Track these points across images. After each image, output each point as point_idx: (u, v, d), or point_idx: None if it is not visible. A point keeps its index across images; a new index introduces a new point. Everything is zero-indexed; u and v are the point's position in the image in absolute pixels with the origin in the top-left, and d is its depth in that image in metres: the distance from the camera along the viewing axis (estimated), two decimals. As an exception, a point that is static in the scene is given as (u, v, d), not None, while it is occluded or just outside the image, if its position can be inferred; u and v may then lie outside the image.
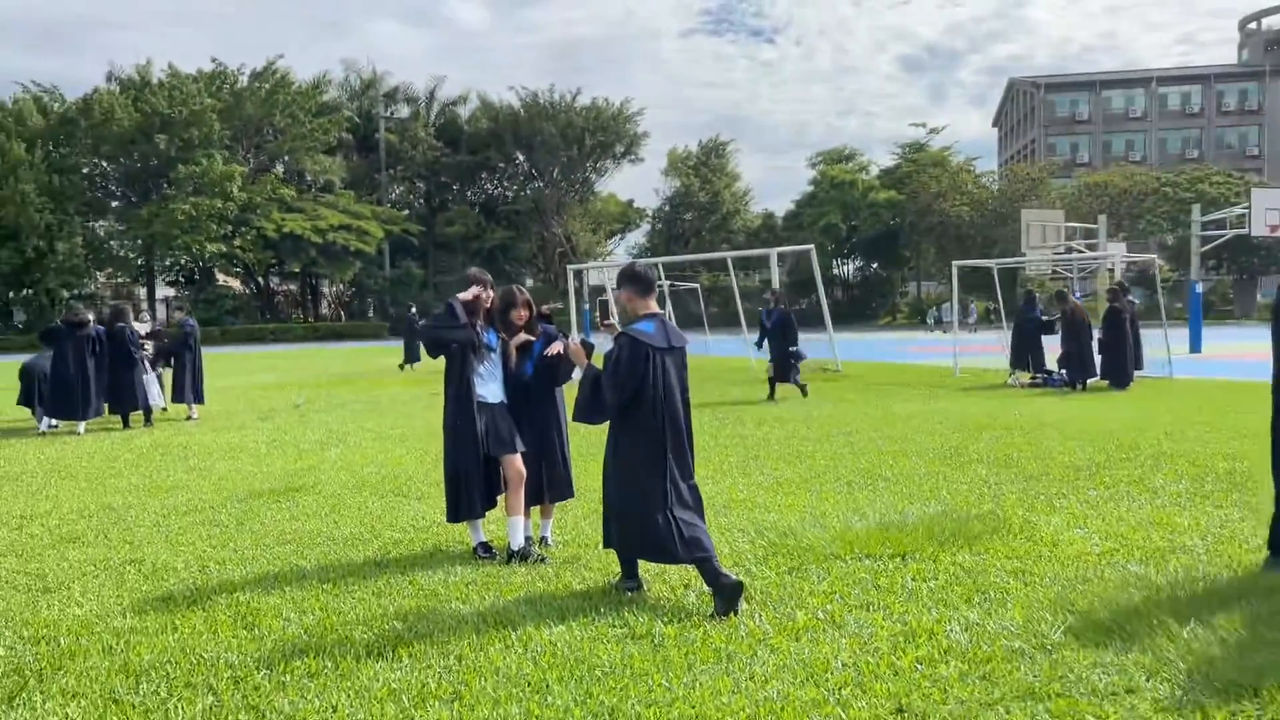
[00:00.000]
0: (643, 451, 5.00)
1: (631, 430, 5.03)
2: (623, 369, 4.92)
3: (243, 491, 8.45)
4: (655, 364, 4.97)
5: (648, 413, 4.97)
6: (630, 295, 5.14)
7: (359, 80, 69.49)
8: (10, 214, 50.52)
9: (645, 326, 5.06)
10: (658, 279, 5.19)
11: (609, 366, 4.98)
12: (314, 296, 70.07)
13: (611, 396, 4.96)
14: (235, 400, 17.29)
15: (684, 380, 5.20)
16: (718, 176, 70.94)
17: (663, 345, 5.02)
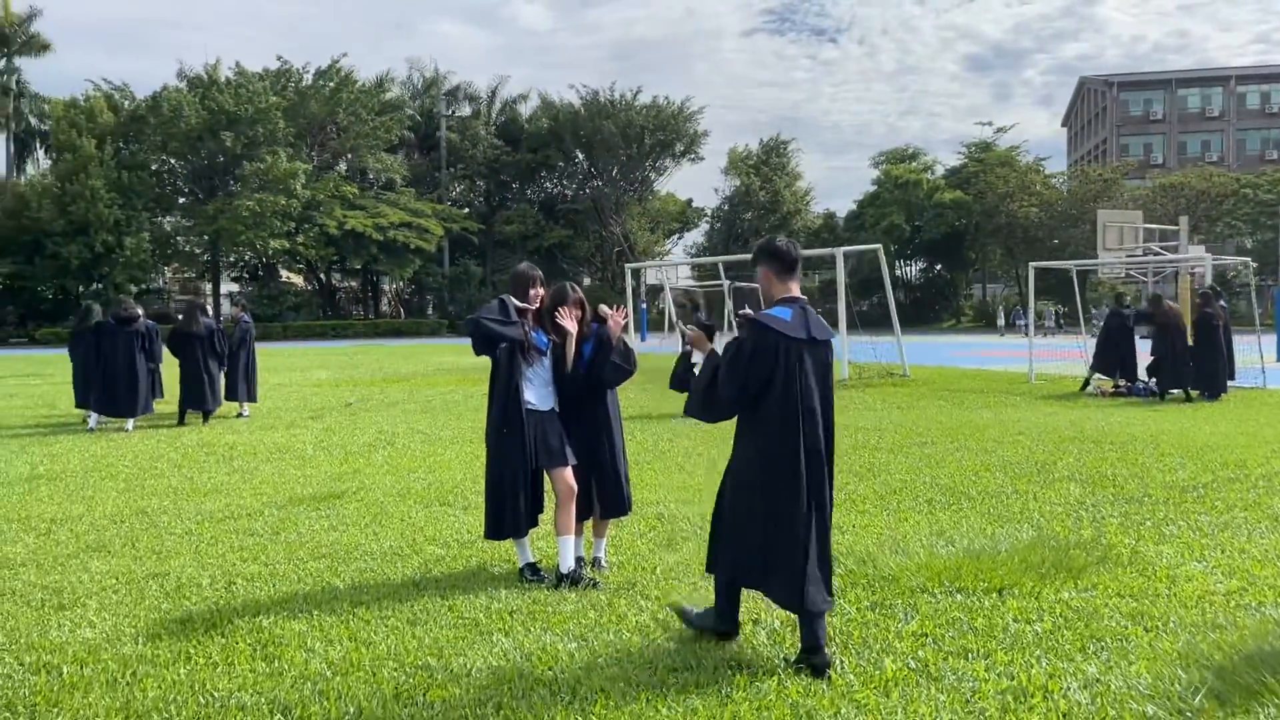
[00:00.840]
0: (770, 467, 4.15)
1: (757, 439, 4.21)
2: (744, 361, 4.13)
3: (283, 497, 8.05)
4: (788, 359, 4.13)
5: (777, 419, 4.14)
6: (768, 273, 4.35)
7: (421, 79, 69.90)
8: (80, 209, 51.41)
9: (781, 313, 4.24)
10: (797, 254, 4.49)
11: (729, 356, 4.21)
12: (374, 293, 70.51)
13: (727, 392, 4.17)
14: (288, 398, 17.06)
15: (827, 383, 4.34)
16: (778, 176, 69.89)
17: (800, 336, 4.17)
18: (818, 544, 4.18)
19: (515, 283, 5.65)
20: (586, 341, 5.68)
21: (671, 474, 8.93)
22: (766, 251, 4.36)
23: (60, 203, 51.72)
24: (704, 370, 4.34)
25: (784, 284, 4.32)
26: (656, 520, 6.98)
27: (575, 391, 5.65)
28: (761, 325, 4.16)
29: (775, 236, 4.49)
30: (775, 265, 4.33)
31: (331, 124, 61.74)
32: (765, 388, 4.14)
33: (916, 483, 8.29)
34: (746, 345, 4.15)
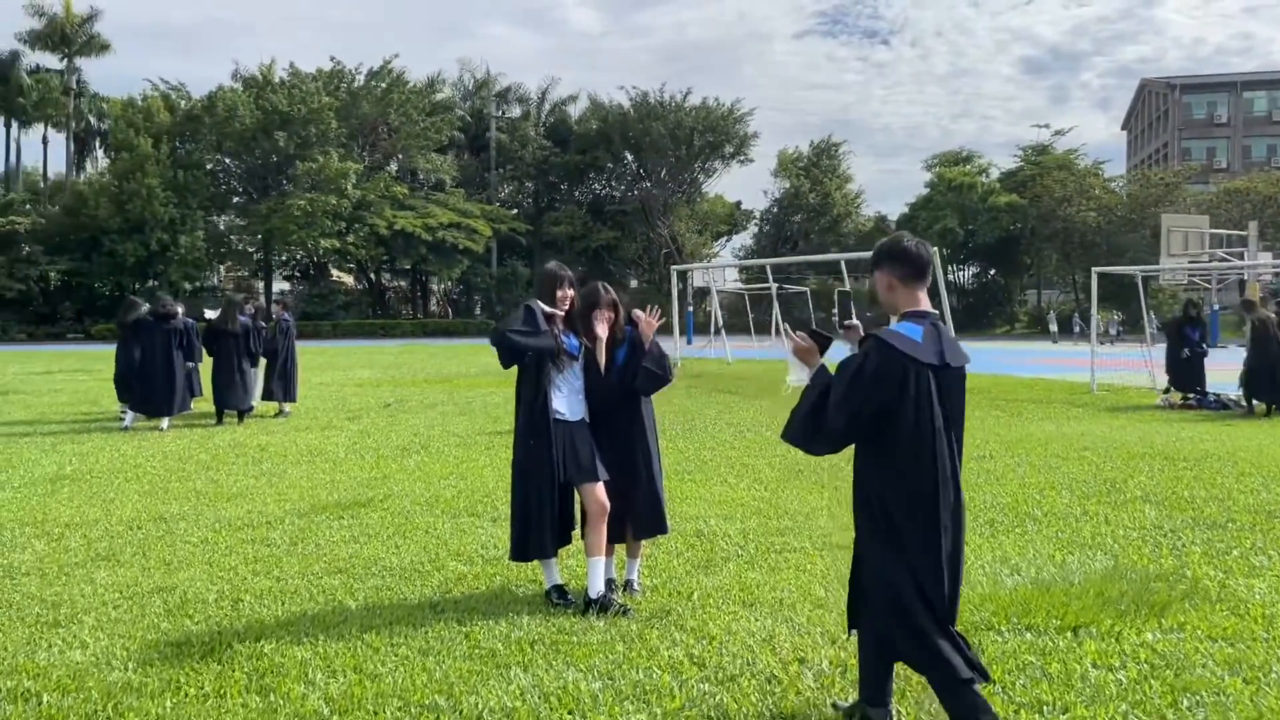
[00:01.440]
0: (900, 512, 3.41)
1: (881, 478, 3.45)
2: (863, 386, 3.35)
3: (307, 504, 7.72)
4: (916, 387, 3.35)
5: (906, 457, 3.38)
6: (891, 280, 3.52)
7: (472, 80, 70.08)
8: (137, 207, 52.17)
9: (908, 330, 3.43)
10: (929, 257, 3.70)
11: (843, 377, 3.41)
12: (423, 293, 70.81)
13: (838, 421, 3.39)
14: (328, 398, 16.85)
15: (959, 416, 3.51)
16: (829, 178, 69.02)
17: (931, 361, 3.37)
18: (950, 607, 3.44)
19: (542, 283, 5.26)
20: (619, 346, 5.25)
21: (713, 486, 8.46)
22: (891, 253, 3.54)
23: (117, 201, 52.56)
24: (810, 390, 3.56)
25: (911, 294, 3.52)
26: (695, 538, 6.52)
27: (607, 400, 5.23)
28: (885, 345, 3.37)
29: (901, 236, 3.60)
30: (901, 270, 3.51)
31: (383, 124, 62.11)
32: (885, 422, 3.38)
33: (976, 501, 7.74)
34: (867, 367, 3.37)
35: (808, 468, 9.19)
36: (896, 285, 3.53)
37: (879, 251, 3.60)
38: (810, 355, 3.67)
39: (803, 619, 4.84)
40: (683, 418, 13.57)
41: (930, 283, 3.63)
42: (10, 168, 62.00)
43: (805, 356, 3.67)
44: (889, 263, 3.54)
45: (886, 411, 3.36)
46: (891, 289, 3.55)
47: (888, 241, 3.63)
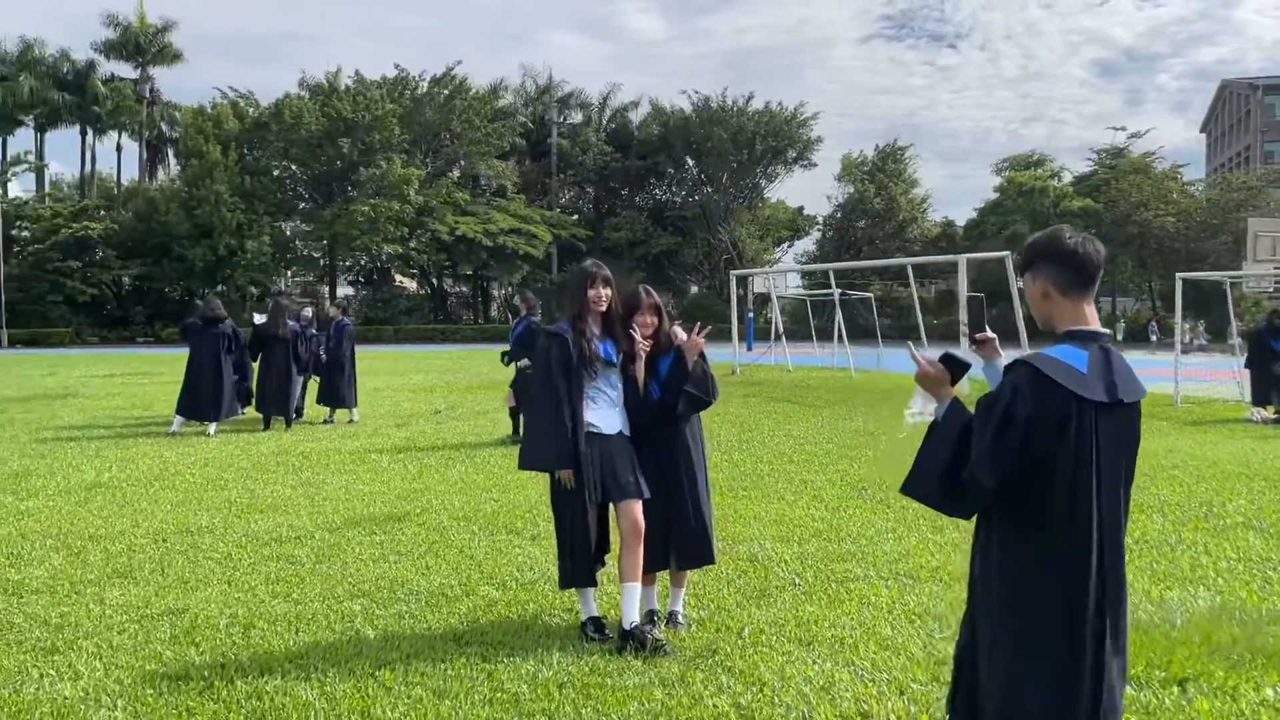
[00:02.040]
0: (1042, 584, 2.59)
1: (1024, 542, 2.62)
2: (1015, 433, 2.50)
3: (341, 518, 7.36)
4: (1078, 432, 2.53)
5: (1059, 517, 2.55)
6: (1047, 288, 2.68)
7: (534, 86, 70.19)
8: (206, 213, 53.08)
9: (1069, 355, 2.58)
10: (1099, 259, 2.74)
11: (989, 420, 2.53)
12: (484, 298, 71.08)
13: (985, 477, 2.52)
14: (380, 404, 16.62)
15: (1130, 465, 2.72)
16: (894, 182, 67.66)
17: (1099, 397, 2.55)
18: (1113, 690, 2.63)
19: (575, 281, 4.83)
20: (663, 355, 4.78)
21: (769, 504, 7.92)
22: (1048, 252, 2.70)
23: (187, 207, 53.54)
24: (943, 433, 2.67)
25: (1075, 306, 2.67)
26: (749, 563, 6.00)
27: (647, 414, 4.76)
28: (1042, 377, 2.52)
29: (1061, 230, 2.72)
30: (1061, 275, 2.67)
31: (445, 131, 62.45)
32: (1041, 473, 2.55)
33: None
34: (1019, 408, 2.51)
35: (871, 485, 8.60)
36: (1054, 295, 2.68)
37: (1032, 249, 2.76)
38: (939, 386, 2.79)
39: (866, 663, 4.31)
40: (738, 428, 13.02)
41: (1095, 290, 2.75)
42: (86, 174, 63.64)
43: (933, 387, 2.80)
44: (1045, 264, 2.69)
45: (1042, 461, 2.53)
46: (1047, 298, 2.69)
47: (1044, 237, 2.77)
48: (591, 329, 4.75)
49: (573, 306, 4.82)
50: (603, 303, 4.79)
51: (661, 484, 4.72)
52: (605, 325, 4.81)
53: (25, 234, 54.82)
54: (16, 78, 55.76)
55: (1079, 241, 2.67)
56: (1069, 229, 2.74)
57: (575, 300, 4.81)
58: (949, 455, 2.60)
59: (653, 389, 4.76)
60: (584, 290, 4.77)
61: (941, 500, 2.66)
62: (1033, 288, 2.73)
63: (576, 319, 4.75)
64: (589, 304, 4.76)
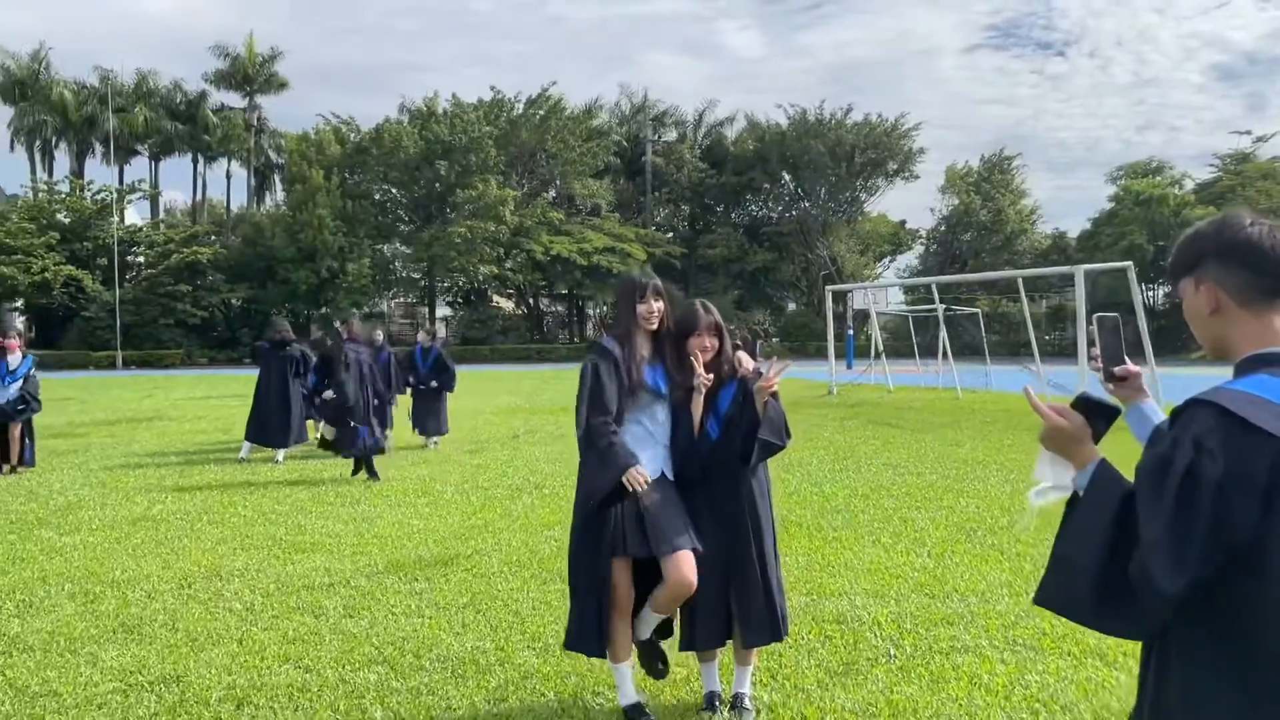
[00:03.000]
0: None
1: (1226, 667, 1.69)
2: (1204, 500, 1.63)
3: (384, 560, 6.71)
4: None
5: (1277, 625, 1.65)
6: (1221, 297, 1.84)
7: (629, 104, 70.11)
8: (309, 237, 54.28)
9: (1268, 387, 1.72)
10: None
11: (1158, 486, 1.67)
12: (580, 317, 71.07)
13: (1164, 572, 1.63)
14: (460, 427, 16.09)
15: None
16: (1001, 193, 65.23)
17: None
18: None
19: (621, 294, 4.08)
20: (725, 386, 3.96)
21: (863, 548, 6.98)
22: (1223, 245, 1.86)
23: (291, 231, 54.86)
24: (1090, 513, 1.81)
25: (1262, 320, 1.83)
26: (835, 626, 5.11)
27: (704, 458, 3.95)
28: (1237, 421, 1.67)
29: (1234, 216, 1.89)
30: (1245, 277, 1.84)
31: (540, 151, 62.74)
32: (1247, 562, 1.66)
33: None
34: (1205, 468, 1.65)
35: (982, 528, 7.58)
36: (1230, 307, 1.85)
37: (1196, 244, 1.90)
38: (1077, 444, 1.89)
39: (979, 778, 3.39)
40: (832, 455, 12.03)
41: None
42: (197, 201, 65.91)
43: (1067, 446, 1.90)
44: (1216, 265, 1.85)
45: (1245, 550, 1.65)
46: (1220, 314, 1.86)
47: (1211, 227, 1.91)
48: (640, 350, 3.98)
49: (621, 322, 4.07)
50: (654, 319, 4.02)
51: (722, 543, 3.89)
52: (654, 347, 4.05)
53: (140, 259, 56.94)
54: (133, 109, 58.12)
55: (1266, 230, 1.82)
56: (1249, 214, 1.89)
57: (624, 315, 4.06)
58: (1102, 547, 1.74)
59: (710, 427, 3.95)
60: (633, 303, 4.01)
61: (1097, 614, 1.77)
62: (1195, 299, 1.88)
63: (624, 337, 4.00)
64: (638, 320, 4.00)
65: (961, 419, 17.08)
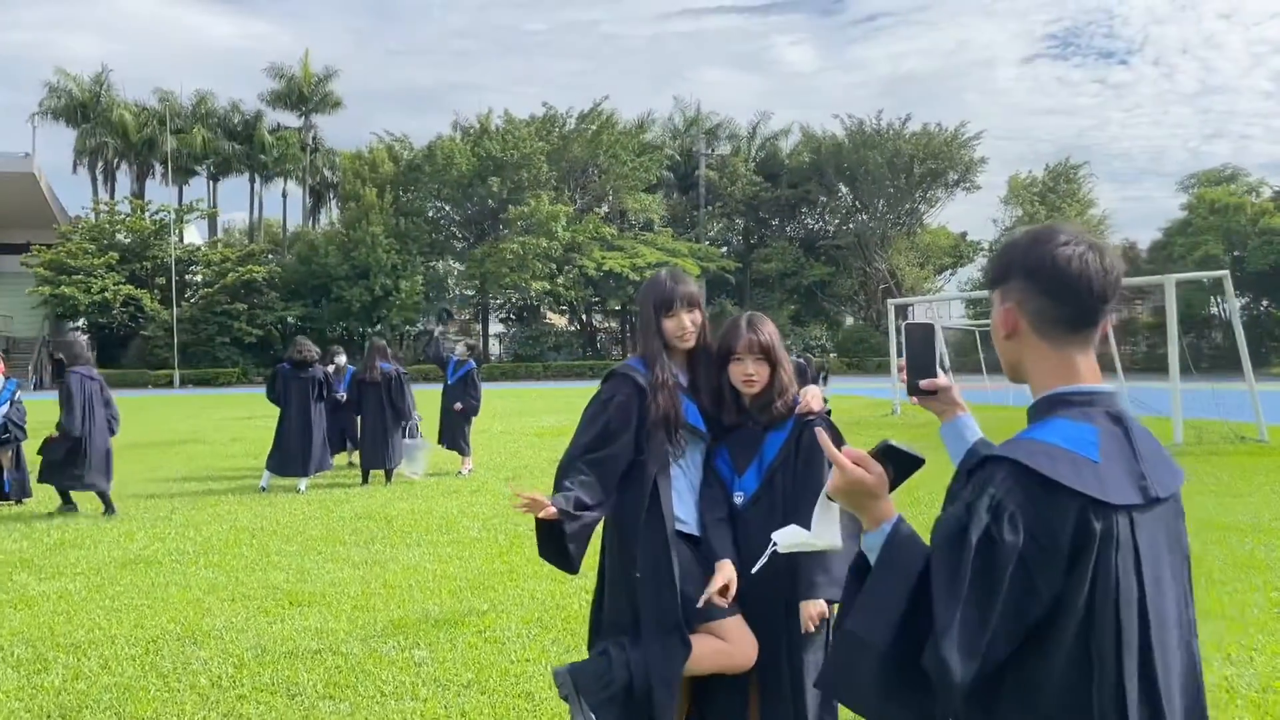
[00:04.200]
0: None
1: None
2: (1001, 571, 1.41)
3: (387, 618, 5.83)
4: (1100, 557, 1.45)
5: (1084, 699, 1.46)
6: (1018, 320, 1.65)
7: (682, 118, 69.37)
8: (362, 255, 54.31)
9: (1069, 436, 1.52)
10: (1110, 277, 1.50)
11: (954, 556, 1.44)
12: (633, 333, 70.26)
13: (959, 656, 1.40)
14: (499, 451, 15.28)
15: (1186, 593, 1.62)
16: (1067, 203, 63.17)
17: (1127, 498, 1.49)
18: None
19: (642, 304, 3.15)
20: (775, 429, 3.01)
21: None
22: (1030, 261, 1.63)
23: (345, 249, 54.96)
24: (884, 585, 1.53)
25: (1061, 353, 1.63)
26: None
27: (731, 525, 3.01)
28: (1035, 479, 1.45)
29: (1051, 228, 1.65)
30: (1045, 301, 1.62)
31: (592, 166, 62.24)
32: (1050, 632, 1.46)
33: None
34: (1004, 531, 1.42)
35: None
36: (1026, 332, 1.65)
37: (1006, 253, 1.69)
38: (870, 499, 1.62)
39: None
40: (909, 491, 10.92)
41: (1103, 329, 1.64)
42: (255, 220, 66.48)
43: (862, 500, 1.63)
44: (1021, 281, 1.64)
45: (1048, 621, 1.47)
46: (1015, 337, 1.66)
47: (1025, 238, 1.67)
48: (675, 375, 3.06)
49: (646, 341, 3.13)
50: (688, 336, 3.09)
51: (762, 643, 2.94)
52: (692, 373, 3.14)
53: (198, 278, 57.44)
54: (191, 130, 58.78)
55: (1079, 253, 1.59)
56: (1069, 229, 1.63)
57: (647, 332, 3.13)
58: (895, 625, 1.49)
59: (747, 479, 2.99)
60: (658, 317, 3.09)
61: (882, 704, 1.52)
62: (995, 316, 1.70)
63: (652, 359, 3.07)
64: (667, 338, 3.08)
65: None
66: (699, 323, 3.08)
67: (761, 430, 2.99)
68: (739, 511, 2.95)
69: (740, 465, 2.98)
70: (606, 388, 3.16)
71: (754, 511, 2.93)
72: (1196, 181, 62.04)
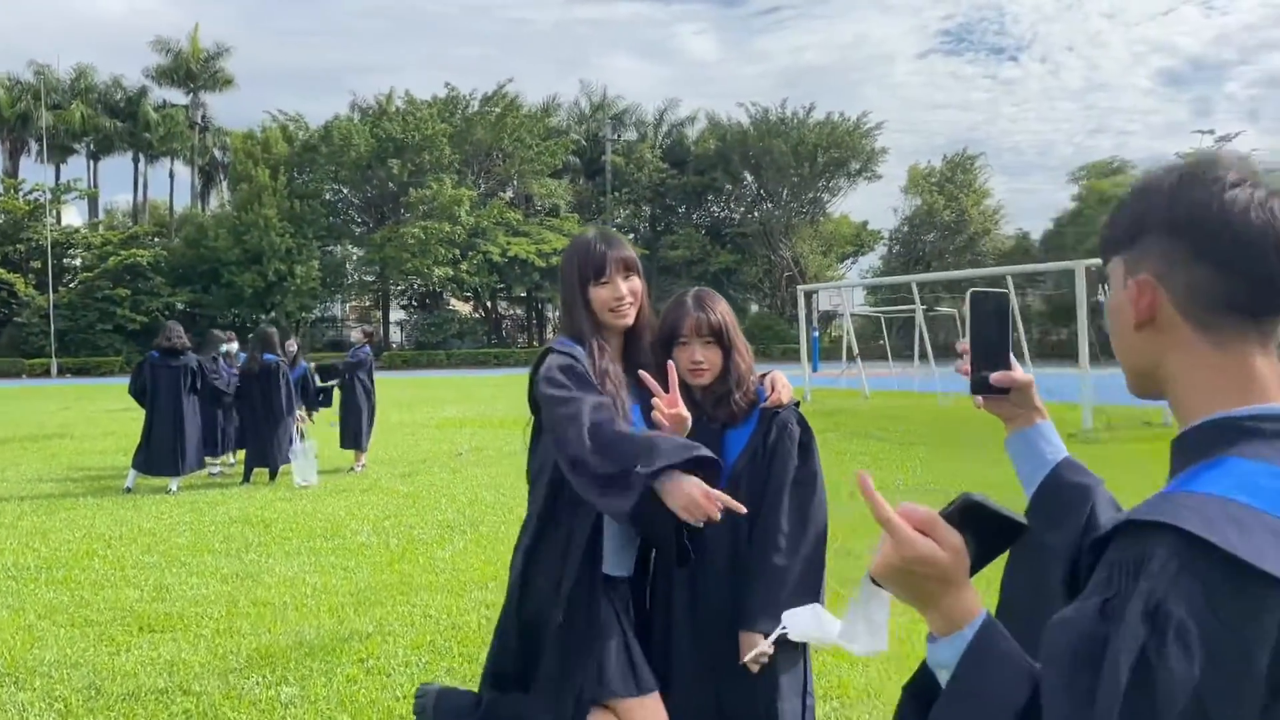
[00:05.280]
0: None
1: None
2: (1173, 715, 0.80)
3: (249, 648, 5.06)
4: None
5: None
6: (1158, 296, 1.02)
7: (588, 103, 68.57)
8: (255, 238, 52.15)
9: (1251, 487, 0.89)
10: None
11: (1074, 691, 0.85)
12: (539, 320, 69.27)
13: None
14: (396, 444, 14.41)
15: None
16: (965, 193, 64.51)
17: None
18: None
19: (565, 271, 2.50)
20: (737, 426, 2.43)
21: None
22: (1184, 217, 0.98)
23: (236, 232, 52.69)
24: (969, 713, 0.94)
25: (1227, 354, 0.99)
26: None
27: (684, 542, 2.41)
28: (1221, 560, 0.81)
29: (1206, 166, 1.00)
30: (1209, 277, 0.97)
31: (497, 150, 60.99)
32: None
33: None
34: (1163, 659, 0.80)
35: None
36: (1173, 320, 1.01)
37: (1140, 200, 1.04)
38: (946, 586, 0.99)
39: None
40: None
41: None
42: (139, 202, 63.27)
43: (927, 586, 1.00)
44: (1165, 237, 0.99)
45: None
46: (1154, 326, 1.03)
47: (1170, 178, 1.01)
48: (611, 365, 2.42)
49: (573, 317, 2.48)
50: (625, 308, 2.44)
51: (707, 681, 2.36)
52: (628, 358, 2.51)
53: (77, 262, 54.38)
54: (69, 106, 55.52)
55: (1260, 196, 0.98)
56: (1236, 162, 1.02)
57: (572, 305, 2.48)
58: None
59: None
60: (584, 283, 2.45)
61: None
62: (1120, 292, 1.07)
63: (582, 338, 2.43)
64: (598, 312, 2.44)
65: (951, 429, 15.67)
66: (637, 291, 2.44)
67: (719, 429, 2.40)
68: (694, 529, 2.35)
69: None
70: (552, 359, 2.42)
71: (714, 527, 2.33)
72: (1086, 173, 63.96)
